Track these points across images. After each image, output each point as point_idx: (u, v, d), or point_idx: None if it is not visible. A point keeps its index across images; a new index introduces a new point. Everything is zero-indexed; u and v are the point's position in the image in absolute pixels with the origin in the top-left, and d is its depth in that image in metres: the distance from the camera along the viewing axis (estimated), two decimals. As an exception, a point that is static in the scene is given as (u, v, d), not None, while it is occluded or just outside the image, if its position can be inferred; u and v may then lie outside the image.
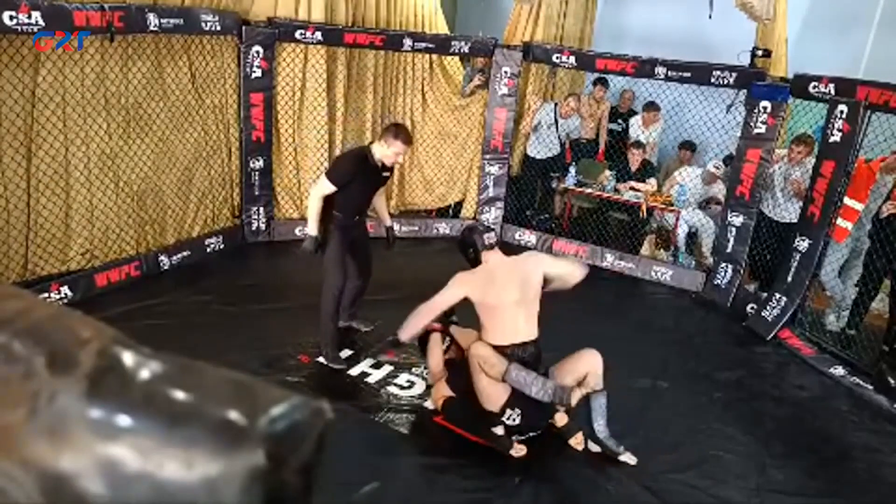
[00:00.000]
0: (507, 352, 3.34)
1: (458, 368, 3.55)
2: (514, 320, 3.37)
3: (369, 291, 4.73)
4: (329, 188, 3.84)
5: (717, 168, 6.07)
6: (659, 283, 6.00)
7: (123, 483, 0.54)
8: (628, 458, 3.39)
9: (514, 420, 3.38)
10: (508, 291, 3.36)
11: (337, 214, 3.95)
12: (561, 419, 3.57)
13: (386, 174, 4.07)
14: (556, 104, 6.77)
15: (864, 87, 4.58)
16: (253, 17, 5.53)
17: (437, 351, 3.70)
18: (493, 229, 3.59)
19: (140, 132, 4.94)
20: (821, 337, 4.93)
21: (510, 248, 6.48)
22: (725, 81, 5.50)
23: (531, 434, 3.47)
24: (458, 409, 3.51)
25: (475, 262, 3.48)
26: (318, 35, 5.66)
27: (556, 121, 6.70)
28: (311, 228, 3.91)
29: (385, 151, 3.86)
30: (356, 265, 4.26)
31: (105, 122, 4.67)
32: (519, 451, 3.34)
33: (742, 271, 5.64)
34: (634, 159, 6.53)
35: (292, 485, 0.57)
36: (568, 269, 3.57)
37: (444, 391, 3.56)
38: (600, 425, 3.39)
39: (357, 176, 3.87)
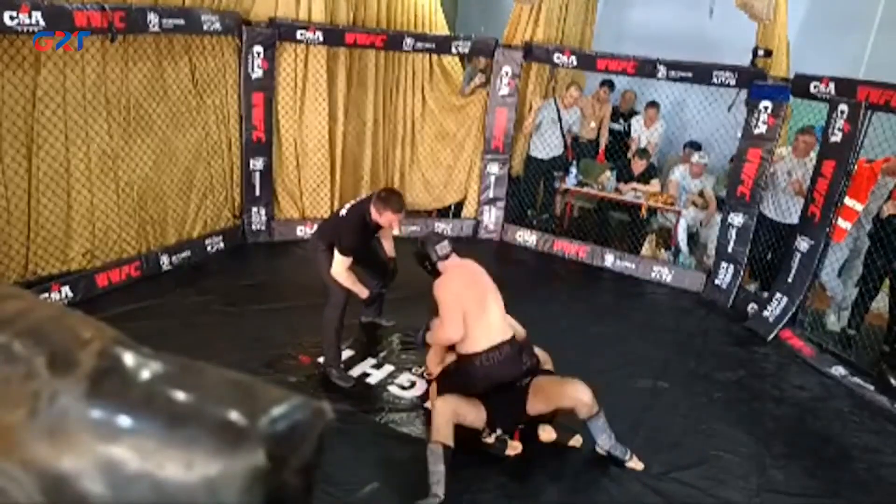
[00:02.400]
0: (484, 357, 3.26)
1: (448, 374, 3.53)
2: (487, 323, 3.30)
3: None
4: (348, 260, 3.83)
5: (702, 158, 6.19)
6: (659, 284, 6.00)
7: (124, 483, 0.54)
8: (635, 462, 3.36)
9: (499, 432, 3.40)
10: (477, 294, 3.32)
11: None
12: (548, 435, 3.44)
13: None
14: (555, 99, 6.77)
15: (864, 87, 4.58)
16: (254, 18, 5.53)
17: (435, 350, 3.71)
18: (445, 237, 3.56)
19: (141, 132, 4.94)
20: (821, 337, 4.93)
21: (511, 249, 6.53)
22: (726, 81, 5.50)
23: (520, 427, 3.46)
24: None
25: (434, 273, 3.44)
26: (319, 35, 5.66)
27: (560, 116, 6.70)
28: (362, 293, 3.98)
29: (379, 219, 3.82)
30: (371, 271, 4.27)
31: (106, 123, 4.67)
32: (514, 448, 3.35)
33: (742, 271, 5.64)
34: (637, 167, 6.52)
35: (292, 485, 0.57)
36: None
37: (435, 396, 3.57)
38: (603, 440, 3.33)
39: (362, 240, 3.91)
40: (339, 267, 3.83)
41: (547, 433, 3.43)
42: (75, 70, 4.39)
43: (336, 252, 3.82)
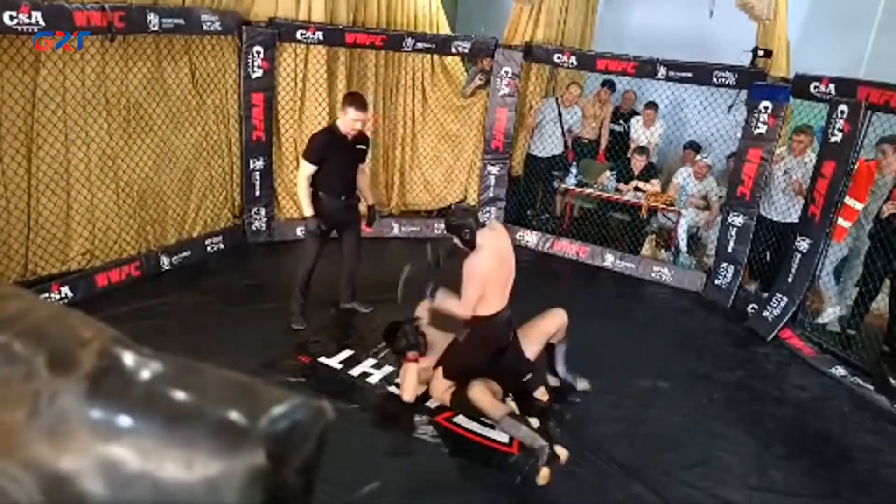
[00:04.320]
0: (498, 317, 3.50)
1: (453, 356, 3.60)
2: (505, 290, 3.54)
3: (371, 290, 4.74)
4: (310, 168, 4.18)
5: (705, 157, 6.22)
6: (659, 284, 6.00)
7: (124, 483, 0.54)
8: (585, 384, 3.84)
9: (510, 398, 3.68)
10: (506, 266, 3.54)
11: (321, 195, 4.24)
12: (542, 395, 3.78)
13: (360, 147, 4.36)
14: (556, 98, 6.77)
15: (864, 87, 4.58)
16: (254, 18, 5.53)
17: (411, 377, 3.70)
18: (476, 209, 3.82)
19: (141, 132, 4.94)
20: (821, 337, 4.93)
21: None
22: (726, 81, 5.50)
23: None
24: (467, 402, 3.56)
25: (471, 243, 3.41)
26: (319, 35, 5.66)
27: (560, 114, 6.71)
28: (306, 210, 4.24)
29: (345, 120, 4.15)
30: (345, 249, 4.55)
31: (106, 123, 4.67)
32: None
33: (742, 272, 5.64)
34: (637, 164, 6.53)
35: (292, 485, 0.57)
36: None
37: (444, 386, 3.61)
38: (561, 369, 3.85)
39: (329, 150, 4.17)
40: (300, 173, 4.23)
41: (541, 394, 3.70)
42: (75, 70, 4.39)
43: (301, 160, 4.22)
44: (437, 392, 3.66)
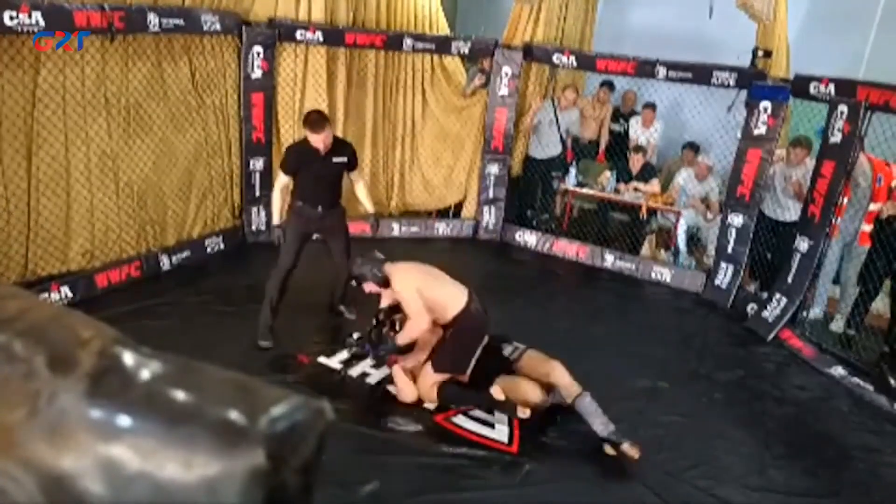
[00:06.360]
0: (471, 308, 3.58)
1: (444, 352, 3.65)
2: (453, 284, 3.66)
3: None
4: (283, 178, 4.24)
5: (707, 156, 6.22)
6: (659, 284, 6.00)
7: (124, 483, 0.54)
8: (629, 448, 3.29)
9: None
10: (425, 270, 3.66)
11: (297, 203, 4.25)
12: (498, 393, 3.65)
13: (338, 160, 4.23)
14: (553, 100, 6.78)
15: (864, 87, 4.58)
16: (254, 18, 5.53)
17: (400, 379, 3.75)
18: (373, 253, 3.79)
19: (140, 132, 4.93)
20: (821, 337, 4.93)
21: (511, 249, 6.53)
22: (726, 82, 5.50)
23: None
24: (455, 390, 3.65)
25: (385, 281, 3.65)
26: (319, 35, 5.66)
27: (556, 117, 6.70)
28: (275, 219, 4.29)
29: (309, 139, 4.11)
30: (333, 255, 4.50)
31: (105, 123, 4.67)
32: (523, 413, 3.50)
33: (742, 272, 5.64)
34: (635, 163, 6.53)
35: (292, 485, 0.57)
36: None
37: (431, 381, 3.64)
38: (598, 425, 3.39)
39: (301, 162, 4.14)
40: (276, 184, 4.30)
41: (497, 391, 3.60)
42: (75, 70, 4.39)
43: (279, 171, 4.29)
44: (424, 389, 3.68)
